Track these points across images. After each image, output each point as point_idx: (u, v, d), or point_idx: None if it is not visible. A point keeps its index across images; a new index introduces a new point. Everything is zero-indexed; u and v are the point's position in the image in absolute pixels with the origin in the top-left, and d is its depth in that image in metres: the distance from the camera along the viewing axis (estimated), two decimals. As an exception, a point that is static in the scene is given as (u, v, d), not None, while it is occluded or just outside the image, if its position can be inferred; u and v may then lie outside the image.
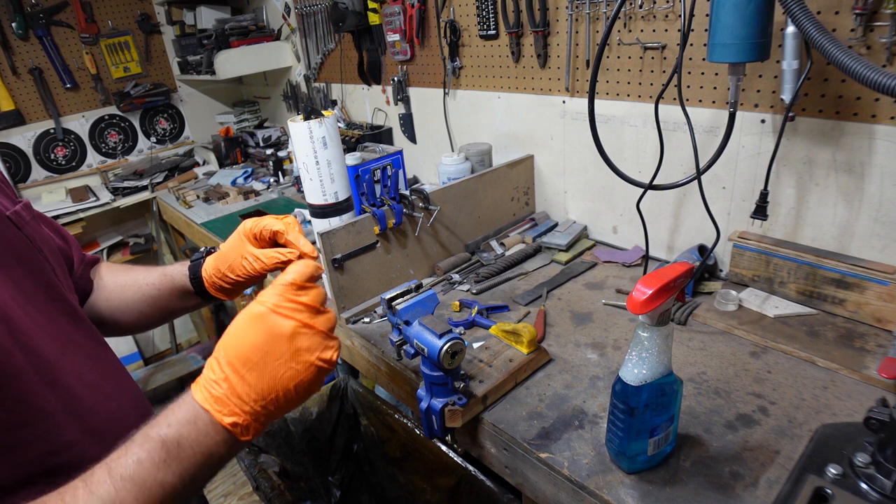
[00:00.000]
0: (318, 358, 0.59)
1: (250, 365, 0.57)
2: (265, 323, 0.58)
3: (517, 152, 1.75)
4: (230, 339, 0.59)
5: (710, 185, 1.27)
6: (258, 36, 2.75)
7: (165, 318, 0.97)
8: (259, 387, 0.57)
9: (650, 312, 0.72)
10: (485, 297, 1.41)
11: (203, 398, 0.57)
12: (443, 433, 1.01)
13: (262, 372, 0.57)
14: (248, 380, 0.57)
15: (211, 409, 0.56)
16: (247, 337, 0.58)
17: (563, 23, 1.47)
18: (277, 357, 0.57)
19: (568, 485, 0.87)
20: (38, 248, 0.73)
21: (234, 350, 0.57)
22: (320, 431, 1.72)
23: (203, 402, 0.56)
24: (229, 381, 0.57)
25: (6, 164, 2.84)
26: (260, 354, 0.57)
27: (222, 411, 0.56)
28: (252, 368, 0.57)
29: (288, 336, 0.58)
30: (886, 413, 0.71)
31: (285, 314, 0.58)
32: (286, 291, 0.59)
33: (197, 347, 3.30)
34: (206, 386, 0.57)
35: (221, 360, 0.58)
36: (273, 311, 0.58)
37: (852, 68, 0.80)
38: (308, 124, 1.25)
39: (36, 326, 0.65)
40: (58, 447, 0.63)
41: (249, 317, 0.59)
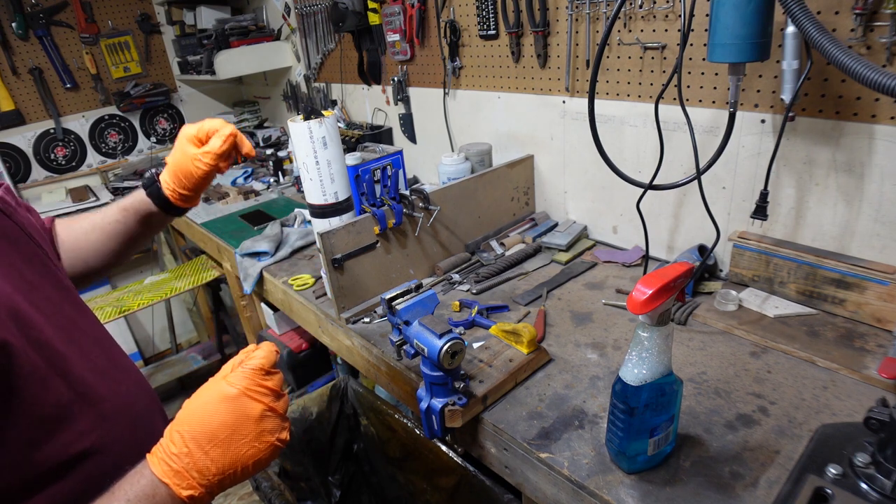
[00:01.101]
0: (277, 438, 0.64)
1: (216, 442, 0.60)
2: (236, 404, 0.61)
3: (517, 152, 1.75)
4: (195, 413, 0.61)
5: (710, 185, 1.27)
6: (258, 36, 2.74)
7: (135, 248, 1.03)
8: (221, 463, 0.60)
9: (650, 312, 0.72)
10: (485, 297, 1.41)
11: (162, 472, 0.59)
12: (443, 433, 1.01)
13: (226, 449, 0.60)
14: (212, 455, 0.60)
15: (170, 482, 0.58)
16: (217, 415, 0.60)
17: (563, 23, 1.47)
18: (243, 436, 0.61)
19: (568, 485, 0.87)
20: (30, 235, 0.73)
21: (199, 425, 0.60)
22: (320, 431, 1.72)
23: (162, 476, 0.58)
24: (191, 455, 0.59)
25: (6, 164, 2.84)
26: (228, 432, 0.60)
27: (181, 485, 0.58)
28: (217, 445, 0.60)
29: (256, 418, 0.62)
30: (886, 413, 0.71)
31: (254, 397, 0.62)
32: (255, 376, 0.63)
33: (197, 347, 3.30)
34: (165, 460, 0.59)
35: (185, 434, 0.60)
36: (244, 393, 0.62)
37: (852, 68, 0.80)
38: (308, 124, 1.25)
39: (44, 318, 0.65)
40: (73, 437, 0.64)
41: (220, 395, 0.61)
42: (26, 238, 0.72)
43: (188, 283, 2.44)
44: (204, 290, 3.16)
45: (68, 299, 0.74)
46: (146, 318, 3.44)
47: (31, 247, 0.72)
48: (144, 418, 0.76)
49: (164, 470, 0.59)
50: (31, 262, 0.70)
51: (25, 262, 0.69)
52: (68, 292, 0.75)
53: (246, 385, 0.62)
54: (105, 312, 2.28)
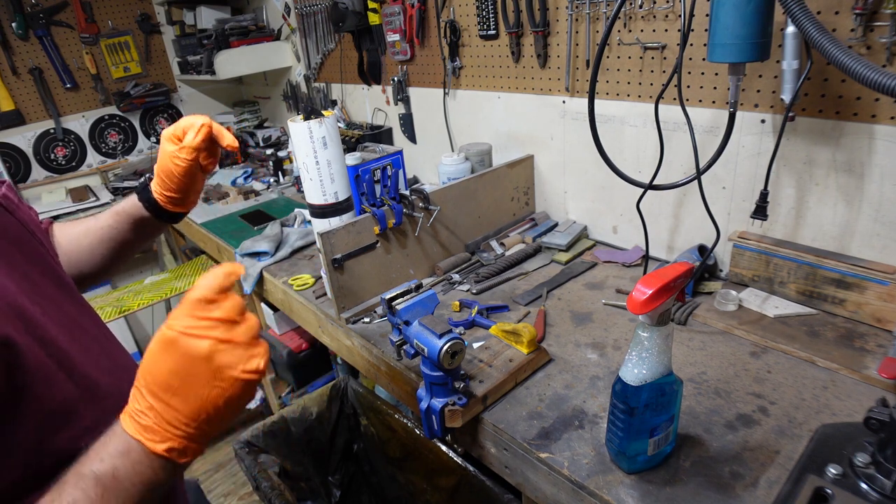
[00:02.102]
0: (242, 370, 0.57)
1: (172, 391, 0.55)
2: (178, 347, 0.55)
3: (517, 152, 1.75)
4: (147, 365, 0.57)
5: (710, 185, 1.27)
6: (258, 36, 2.74)
7: (128, 254, 1.02)
8: (186, 410, 0.56)
9: (650, 312, 0.72)
10: (485, 297, 1.41)
11: (134, 429, 0.56)
12: (443, 433, 1.01)
13: (185, 396, 0.55)
14: (174, 405, 0.55)
15: (142, 438, 0.55)
16: (164, 363, 0.56)
17: (563, 23, 1.47)
18: (198, 379, 0.55)
19: (568, 485, 0.87)
20: (32, 232, 0.73)
21: (152, 377, 0.56)
22: (320, 431, 1.72)
23: (134, 433, 0.55)
24: (154, 409, 0.56)
25: (6, 164, 2.84)
26: (179, 379, 0.55)
27: (154, 439, 0.55)
28: (175, 394, 0.55)
29: (204, 357, 0.55)
30: (886, 413, 0.71)
31: (197, 334, 0.55)
32: (195, 310, 0.56)
33: (197, 347, 3.30)
34: (133, 416, 0.56)
35: (143, 389, 0.56)
36: (184, 333, 0.55)
37: (852, 68, 0.80)
38: (308, 124, 1.25)
39: (47, 316, 0.65)
40: (79, 432, 0.64)
41: (161, 343, 0.56)
42: (28, 235, 0.72)
43: (188, 283, 2.44)
44: (204, 290, 3.16)
45: (70, 297, 0.74)
46: (146, 318, 3.44)
47: (33, 244, 0.72)
48: None
49: (134, 427, 0.56)
50: (33, 260, 0.70)
51: (28, 260, 0.69)
52: (70, 290, 0.75)
53: (185, 324, 0.56)
54: (105, 312, 2.28)
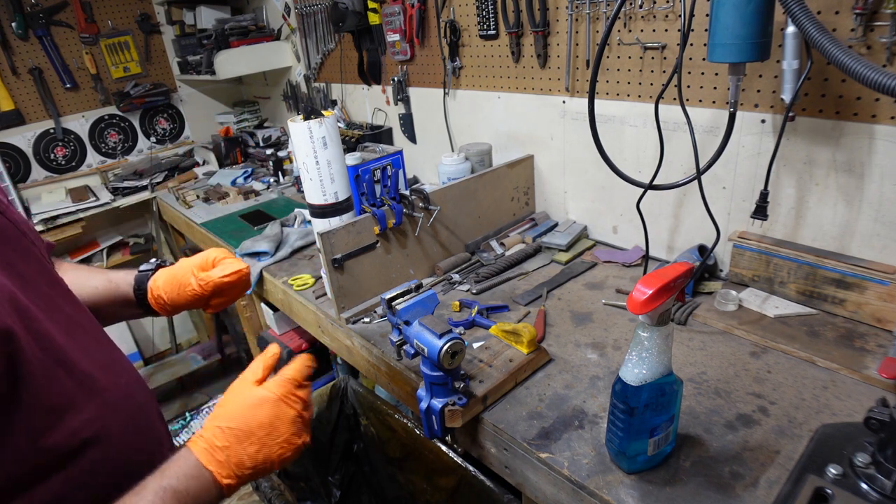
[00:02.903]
0: (302, 440, 0.73)
1: (253, 439, 0.69)
2: (275, 408, 0.71)
3: (517, 152, 1.75)
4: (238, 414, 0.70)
5: (710, 185, 1.27)
6: (258, 36, 2.74)
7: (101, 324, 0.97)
8: (255, 458, 0.69)
9: (650, 312, 0.72)
10: (485, 297, 1.41)
11: (207, 461, 0.67)
12: (443, 433, 1.01)
13: (261, 447, 0.69)
14: (249, 451, 0.69)
15: (214, 471, 0.67)
16: (257, 417, 0.70)
17: (563, 23, 1.47)
18: (277, 437, 0.70)
19: (568, 485, 0.87)
20: (24, 232, 0.73)
21: (241, 424, 0.69)
22: (320, 431, 1.72)
23: (207, 464, 0.67)
24: (232, 449, 0.68)
25: (6, 164, 2.84)
26: (265, 432, 0.69)
27: (222, 473, 0.67)
28: (254, 442, 0.69)
29: (289, 422, 0.71)
30: (886, 413, 0.71)
31: (289, 404, 0.72)
32: (291, 385, 0.73)
33: (197, 347, 3.30)
34: (209, 450, 0.68)
35: (227, 430, 0.69)
36: (281, 399, 0.72)
37: (852, 68, 0.80)
38: (308, 124, 1.25)
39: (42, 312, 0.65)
40: (79, 425, 0.65)
41: (260, 399, 0.71)
42: (20, 234, 0.72)
43: (188, 283, 2.43)
44: (204, 290, 3.16)
45: (64, 296, 0.75)
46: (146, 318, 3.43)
47: (25, 243, 0.72)
48: (143, 409, 0.77)
49: (208, 459, 0.67)
50: (26, 259, 0.70)
51: (21, 258, 0.69)
52: (63, 289, 0.76)
53: (283, 392, 0.72)
54: (105, 312, 2.27)
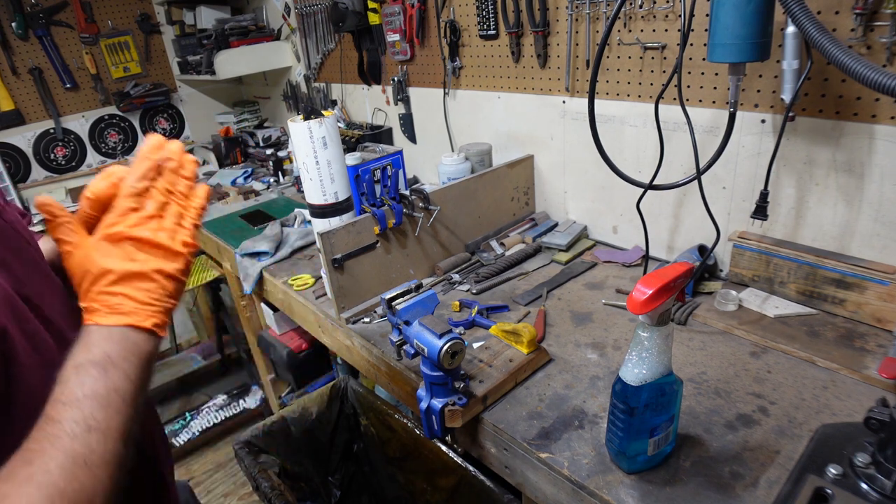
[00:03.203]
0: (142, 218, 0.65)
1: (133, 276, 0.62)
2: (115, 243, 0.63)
3: (517, 152, 1.75)
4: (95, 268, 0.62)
5: (710, 185, 1.27)
6: (258, 36, 2.74)
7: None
8: (153, 287, 0.62)
9: (650, 312, 0.72)
10: (485, 297, 1.41)
11: (116, 320, 0.60)
12: (443, 433, 1.01)
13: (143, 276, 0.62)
14: (143, 287, 0.62)
15: (131, 321, 0.60)
16: (111, 259, 0.63)
17: (563, 23, 1.47)
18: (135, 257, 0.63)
19: (568, 485, 0.87)
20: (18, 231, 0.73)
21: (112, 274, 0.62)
22: (320, 431, 1.72)
23: (118, 322, 0.60)
24: (127, 295, 0.61)
25: (6, 164, 2.84)
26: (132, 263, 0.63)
27: (140, 319, 0.60)
28: (134, 277, 0.62)
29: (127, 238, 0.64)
30: (886, 413, 0.71)
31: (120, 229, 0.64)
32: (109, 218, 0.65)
33: (197, 347, 3.30)
34: (112, 311, 0.61)
35: (105, 286, 0.62)
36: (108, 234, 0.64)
37: (852, 68, 0.80)
38: (308, 124, 1.25)
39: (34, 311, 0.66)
40: None
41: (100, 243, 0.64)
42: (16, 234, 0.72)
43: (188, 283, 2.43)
44: (204, 290, 3.16)
45: (58, 294, 0.75)
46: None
47: (20, 242, 0.72)
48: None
49: (116, 318, 0.60)
50: (20, 257, 0.70)
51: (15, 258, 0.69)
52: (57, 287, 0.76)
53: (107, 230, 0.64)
54: (105, 312, 2.27)
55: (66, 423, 0.52)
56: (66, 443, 0.51)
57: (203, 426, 2.79)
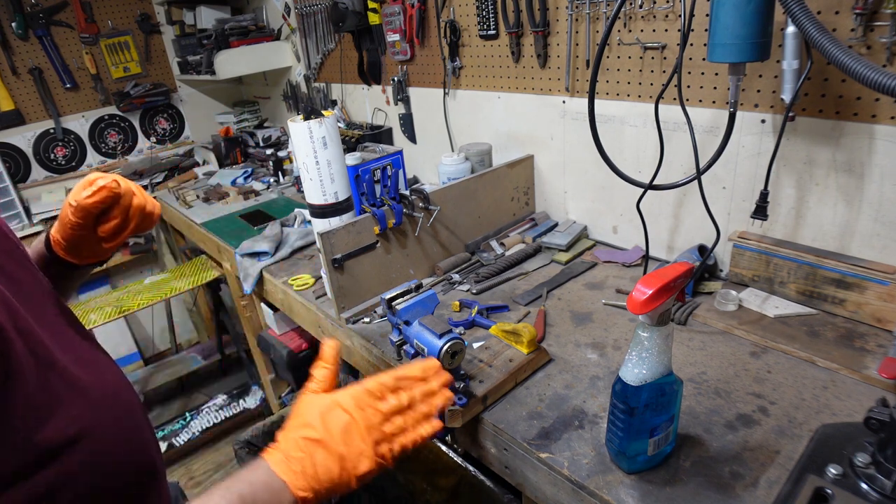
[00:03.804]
0: (383, 453, 0.69)
1: (329, 449, 0.66)
2: (348, 415, 0.68)
3: (517, 152, 1.75)
4: (312, 420, 0.68)
5: (710, 185, 1.27)
6: (258, 36, 2.74)
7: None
8: (332, 471, 0.66)
9: (650, 312, 0.72)
10: (485, 297, 1.41)
11: (282, 470, 0.65)
12: (443, 433, 1.01)
13: (338, 457, 0.66)
14: (325, 462, 0.66)
15: (289, 481, 0.64)
16: (330, 424, 0.68)
17: (563, 23, 1.47)
18: (354, 447, 0.67)
19: (568, 485, 0.87)
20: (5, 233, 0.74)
21: (315, 432, 0.67)
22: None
23: (281, 474, 0.65)
24: (308, 460, 0.66)
25: (6, 164, 2.84)
26: (341, 440, 0.67)
27: (297, 485, 0.65)
28: (331, 453, 0.66)
29: (366, 430, 0.68)
30: (886, 413, 0.71)
31: (366, 412, 0.69)
32: (365, 395, 0.71)
33: (197, 347, 3.30)
34: (285, 460, 0.66)
35: (301, 440, 0.67)
36: (357, 407, 0.69)
37: (852, 68, 0.80)
38: (308, 124, 1.25)
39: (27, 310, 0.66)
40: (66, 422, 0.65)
41: (332, 404, 0.69)
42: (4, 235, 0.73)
43: (188, 283, 2.44)
44: (204, 290, 3.16)
45: (48, 295, 0.75)
46: (146, 318, 3.44)
47: (10, 244, 0.73)
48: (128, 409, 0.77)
49: (283, 469, 0.65)
50: (11, 258, 0.71)
51: (7, 259, 0.70)
52: (47, 290, 0.76)
53: (357, 400, 0.70)
54: (105, 312, 2.27)
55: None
56: None
57: (203, 426, 2.79)
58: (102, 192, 0.79)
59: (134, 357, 3.35)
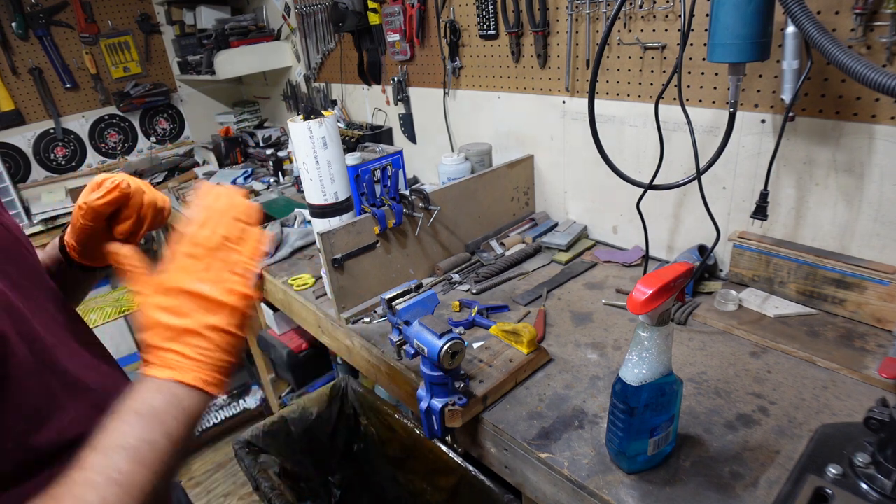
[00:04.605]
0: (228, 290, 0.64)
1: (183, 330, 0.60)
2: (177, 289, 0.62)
3: (517, 152, 1.75)
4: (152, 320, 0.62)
5: (710, 185, 1.27)
6: (258, 36, 2.74)
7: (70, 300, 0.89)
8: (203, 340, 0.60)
9: (650, 312, 0.72)
10: (485, 297, 1.41)
11: (163, 373, 0.59)
12: (443, 433, 1.01)
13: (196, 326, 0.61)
14: (189, 341, 0.60)
15: (174, 375, 0.58)
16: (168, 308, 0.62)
17: (563, 23, 1.47)
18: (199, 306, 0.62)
19: (568, 485, 0.87)
20: (17, 237, 0.74)
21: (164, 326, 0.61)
22: (320, 431, 1.72)
23: (165, 376, 0.59)
24: (174, 350, 0.60)
25: (6, 164, 2.84)
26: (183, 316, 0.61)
27: (184, 373, 0.59)
28: (186, 331, 0.60)
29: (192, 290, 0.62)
30: (886, 413, 0.71)
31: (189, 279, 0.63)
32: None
33: (197, 347, 3.30)
34: (160, 362, 0.60)
35: (158, 340, 0.61)
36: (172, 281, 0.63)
37: (852, 68, 0.80)
38: (308, 124, 1.25)
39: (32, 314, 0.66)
40: (66, 424, 0.65)
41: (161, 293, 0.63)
42: (14, 239, 0.73)
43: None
44: (204, 290, 3.16)
45: (53, 299, 0.75)
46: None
47: (17, 248, 0.73)
48: None
49: (167, 374, 0.59)
50: (17, 263, 0.71)
51: (12, 262, 0.70)
52: (53, 293, 0.76)
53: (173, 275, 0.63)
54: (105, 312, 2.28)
55: (88, 470, 0.51)
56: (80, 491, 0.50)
57: (203, 426, 2.79)
58: (113, 193, 0.78)
59: (134, 357, 3.34)
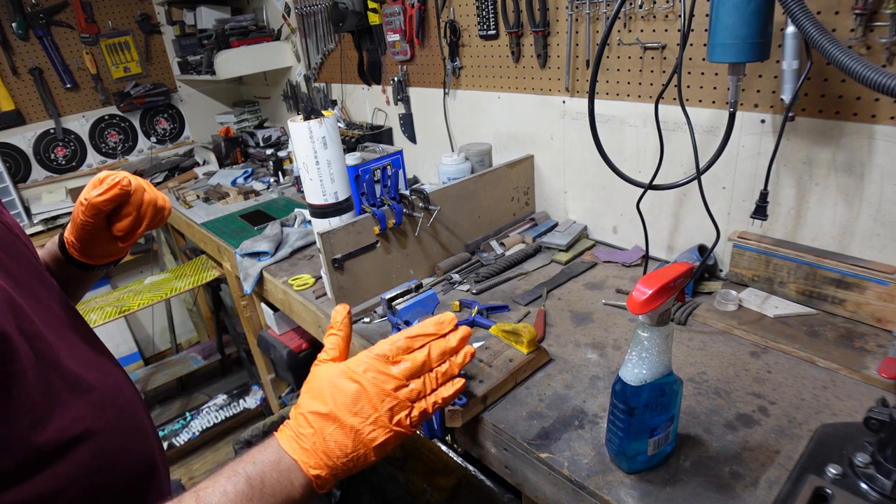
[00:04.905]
0: (398, 421, 0.64)
1: (339, 422, 0.62)
2: (357, 383, 0.64)
3: (517, 152, 1.75)
4: (320, 393, 0.64)
5: (710, 185, 1.27)
6: (258, 36, 2.75)
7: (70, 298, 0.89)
8: (344, 445, 0.62)
9: (650, 312, 0.72)
10: (485, 297, 1.41)
11: (291, 448, 0.62)
12: (443, 433, 1.01)
13: (348, 430, 0.62)
14: (336, 436, 0.62)
15: (299, 459, 0.61)
16: (338, 396, 0.63)
17: (563, 23, 1.47)
18: (365, 417, 0.63)
19: (568, 485, 0.87)
20: (17, 235, 0.74)
21: (324, 405, 0.63)
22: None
23: (291, 452, 0.62)
24: (318, 435, 0.62)
25: (6, 164, 2.85)
26: (348, 411, 0.62)
27: (308, 462, 0.61)
28: (340, 426, 0.62)
29: (377, 398, 0.63)
30: (886, 413, 0.71)
31: (377, 379, 0.64)
32: (378, 360, 0.65)
33: (197, 347, 3.30)
34: (294, 437, 0.63)
35: (310, 415, 0.63)
36: (368, 372, 0.64)
37: (852, 68, 0.80)
38: (308, 124, 1.25)
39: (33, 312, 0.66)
40: (67, 423, 0.65)
41: (340, 373, 0.64)
42: (14, 237, 0.73)
43: (188, 283, 2.44)
44: (204, 290, 3.17)
45: (54, 297, 0.76)
46: (146, 318, 3.44)
47: (18, 246, 0.73)
48: (130, 407, 0.78)
49: (292, 446, 0.62)
50: (19, 261, 0.71)
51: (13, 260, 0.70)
52: (54, 291, 0.77)
53: (366, 366, 0.64)
54: (105, 312, 2.28)
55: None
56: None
57: (203, 426, 2.79)
58: (113, 190, 0.79)
59: (134, 357, 3.35)
